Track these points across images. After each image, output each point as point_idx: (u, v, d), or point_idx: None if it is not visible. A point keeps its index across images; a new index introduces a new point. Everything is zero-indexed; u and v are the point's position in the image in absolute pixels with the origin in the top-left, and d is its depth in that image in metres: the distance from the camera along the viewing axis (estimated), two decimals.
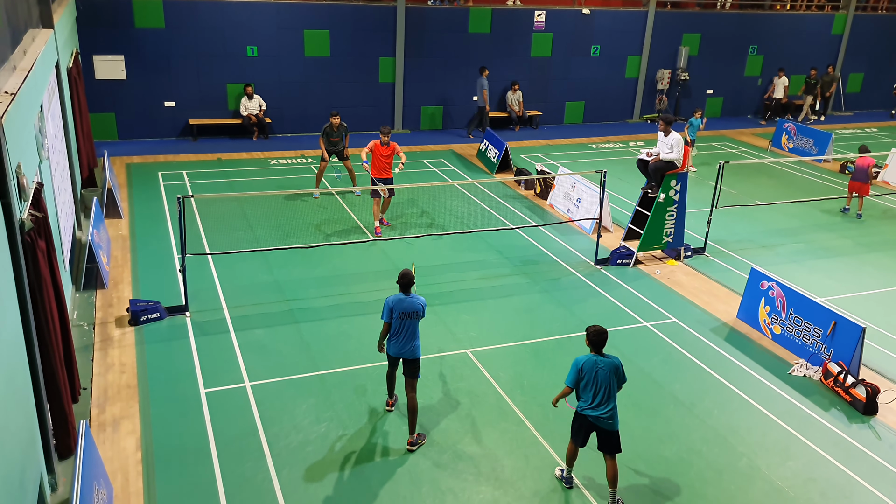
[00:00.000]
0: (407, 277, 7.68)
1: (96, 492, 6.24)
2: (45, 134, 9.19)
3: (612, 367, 6.89)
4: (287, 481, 7.21)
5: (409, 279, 7.68)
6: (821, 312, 9.66)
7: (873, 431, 8.42)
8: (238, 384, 8.77)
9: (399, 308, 7.62)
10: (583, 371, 6.87)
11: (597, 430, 7.00)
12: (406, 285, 7.66)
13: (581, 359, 6.92)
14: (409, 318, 7.64)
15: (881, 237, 14.46)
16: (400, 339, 7.70)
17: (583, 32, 22.80)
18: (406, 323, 7.65)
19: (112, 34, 18.36)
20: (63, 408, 7.14)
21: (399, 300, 7.64)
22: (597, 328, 6.93)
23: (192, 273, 10.87)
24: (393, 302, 7.65)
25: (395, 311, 7.63)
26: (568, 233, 14.09)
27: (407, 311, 7.62)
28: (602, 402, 6.87)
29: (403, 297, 7.65)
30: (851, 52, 26.79)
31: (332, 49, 20.31)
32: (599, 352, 6.94)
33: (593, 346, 6.94)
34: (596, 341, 6.91)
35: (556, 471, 7.49)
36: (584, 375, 6.87)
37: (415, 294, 7.74)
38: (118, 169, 16.85)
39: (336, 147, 15.29)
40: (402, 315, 7.63)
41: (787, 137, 21.20)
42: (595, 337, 6.90)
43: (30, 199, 6.92)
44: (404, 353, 7.73)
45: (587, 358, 6.92)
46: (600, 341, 6.90)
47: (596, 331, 6.91)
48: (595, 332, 6.91)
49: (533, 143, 21.14)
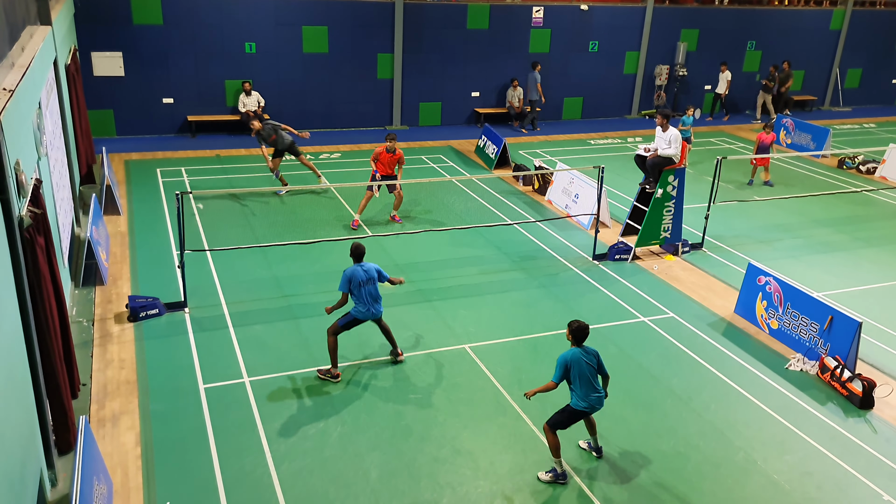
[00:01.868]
0: (359, 249, 8.67)
1: (96, 487, 6.27)
2: (43, 131, 9.20)
3: (595, 358, 7.14)
4: (286, 476, 7.24)
5: (361, 251, 8.68)
6: (818, 307, 9.69)
7: (869, 425, 8.46)
8: (237, 379, 8.80)
9: (358, 278, 8.54)
10: (571, 367, 7.01)
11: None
12: (359, 255, 8.65)
13: (566, 355, 7.06)
14: (369, 284, 8.60)
15: (879, 232, 14.50)
16: (367, 303, 8.63)
17: (581, 28, 22.79)
18: (368, 288, 8.59)
19: (110, 31, 18.34)
20: (63, 403, 7.17)
21: (355, 270, 8.59)
22: (579, 323, 7.11)
23: (190, 269, 10.88)
24: (350, 273, 8.56)
25: (353, 282, 8.52)
26: (566, 228, 14.12)
27: (365, 279, 8.57)
28: (594, 390, 7.11)
29: (358, 268, 8.61)
30: (849, 48, 26.78)
31: (331, 45, 20.30)
32: (581, 346, 7.12)
33: (576, 340, 7.10)
34: (579, 336, 7.08)
35: (542, 475, 7.34)
36: (573, 370, 7.02)
37: (366, 262, 8.72)
38: (117, 166, 16.85)
39: (279, 145, 14.87)
40: (362, 283, 8.55)
41: (786, 133, 21.21)
42: (578, 332, 7.08)
43: (28, 196, 6.93)
44: (374, 313, 8.73)
45: (572, 353, 7.07)
46: (583, 336, 7.08)
47: (579, 326, 7.09)
48: (578, 328, 7.08)
49: (531, 138, 21.14)
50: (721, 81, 23.85)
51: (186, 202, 13.94)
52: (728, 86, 23.82)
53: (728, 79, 23.68)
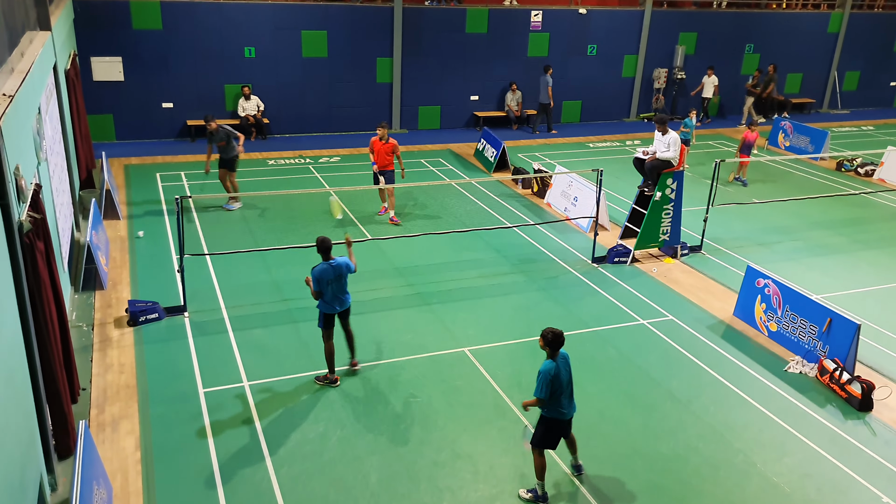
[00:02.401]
0: (325, 244, 8.48)
1: (96, 491, 6.27)
2: (43, 136, 9.22)
3: (568, 363, 6.97)
4: (286, 480, 7.25)
5: (327, 245, 8.49)
6: (816, 310, 9.71)
7: (869, 428, 8.47)
8: (237, 384, 8.81)
9: (326, 276, 8.44)
10: (557, 379, 6.75)
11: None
12: (326, 250, 8.48)
13: (549, 367, 6.76)
14: (339, 280, 8.54)
15: (877, 235, 14.52)
16: (338, 297, 8.60)
17: (579, 32, 22.84)
18: (334, 286, 8.53)
19: (110, 36, 18.38)
20: (62, 408, 7.18)
21: (324, 269, 8.45)
22: (554, 330, 6.82)
23: (190, 273, 10.89)
24: (319, 272, 8.43)
25: (323, 280, 8.44)
26: (565, 231, 14.14)
27: (334, 278, 8.48)
28: (571, 399, 7.04)
29: (327, 266, 8.47)
30: (847, 51, 26.83)
31: (330, 49, 20.34)
32: (556, 353, 6.85)
33: (552, 348, 6.82)
34: (555, 344, 6.79)
35: (522, 493, 7.15)
36: (556, 383, 6.75)
37: (335, 257, 8.57)
38: (116, 170, 16.87)
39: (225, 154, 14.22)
40: (330, 281, 8.47)
41: (784, 136, 21.25)
42: (554, 340, 6.79)
43: (28, 201, 6.94)
44: (345, 306, 8.75)
45: (553, 365, 6.77)
46: (559, 343, 6.80)
47: (555, 334, 6.80)
48: (554, 336, 6.80)
49: (530, 142, 21.18)
50: (707, 86, 23.67)
51: (185, 206, 13.95)
52: (716, 90, 23.69)
53: (715, 83, 23.54)
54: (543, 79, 21.82)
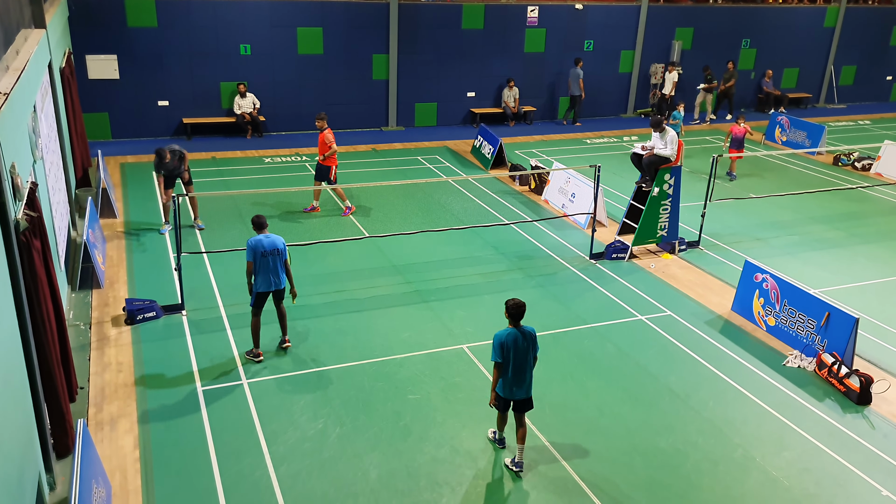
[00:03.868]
0: (259, 219, 8.87)
1: (94, 490, 6.26)
2: (38, 134, 9.18)
3: (531, 338, 7.19)
4: (285, 477, 7.24)
5: (262, 221, 8.87)
6: (814, 304, 9.71)
7: (867, 421, 8.48)
8: (235, 382, 8.79)
9: (260, 248, 8.73)
10: (506, 345, 7.07)
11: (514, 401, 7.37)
12: (260, 226, 8.86)
13: (501, 335, 7.13)
14: (272, 255, 8.79)
15: (874, 229, 14.54)
16: (269, 275, 8.85)
17: (576, 28, 22.81)
18: (270, 259, 8.80)
19: (104, 34, 18.31)
20: (60, 407, 7.16)
21: (258, 241, 8.77)
22: (515, 301, 7.15)
23: (187, 272, 10.87)
24: (254, 243, 8.75)
25: (257, 251, 8.72)
26: (563, 228, 14.13)
27: (268, 249, 8.75)
28: (522, 378, 7.22)
29: (262, 238, 8.80)
30: (844, 45, 26.86)
31: (326, 46, 20.29)
32: (517, 324, 7.17)
33: (512, 319, 7.15)
34: (515, 314, 7.13)
35: (489, 434, 7.83)
36: (506, 350, 7.08)
37: (271, 234, 8.93)
38: (112, 169, 16.82)
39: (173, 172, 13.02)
40: (264, 253, 8.74)
41: (781, 130, 21.26)
42: (514, 310, 7.13)
43: (24, 199, 6.92)
44: (275, 285, 8.92)
45: (507, 332, 7.13)
46: (519, 314, 7.13)
47: (515, 303, 7.14)
48: (514, 305, 7.14)
49: (527, 138, 21.16)
50: (667, 82, 23.15)
51: (182, 204, 13.92)
52: (674, 87, 23.17)
53: (674, 80, 23.05)
54: (574, 71, 22.23)
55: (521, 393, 7.29)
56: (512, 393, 7.26)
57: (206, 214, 14.03)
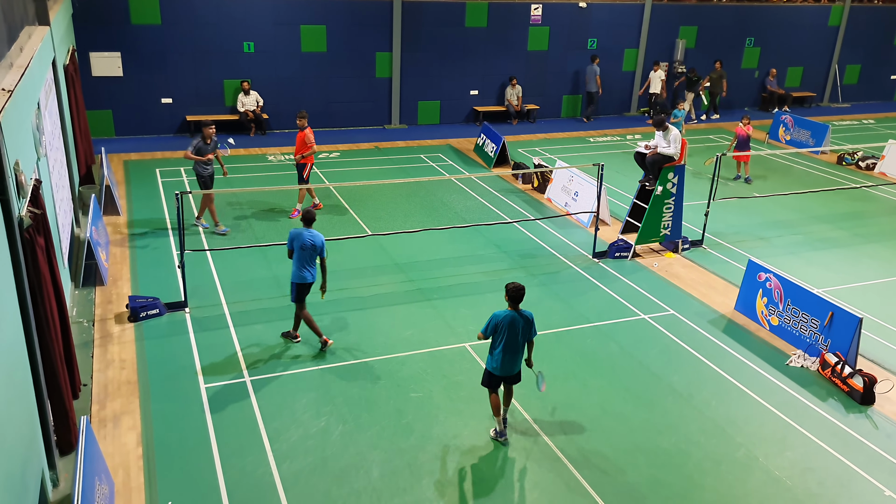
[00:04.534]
0: (309, 215, 9.06)
1: (98, 487, 6.27)
2: (42, 131, 9.19)
3: (528, 321, 7.47)
4: (287, 475, 7.25)
5: (311, 217, 9.05)
6: (818, 303, 9.70)
7: (870, 421, 8.47)
8: (238, 379, 8.80)
9: (300, 240, 8.94)
10: (500, 325, 7.36)
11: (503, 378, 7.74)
12: (309, 221, 9.02)
13: (498, 314, 7.42)
14: (309, 250, 8.93)
15: (878, 228, 14.50)
16: (303, 267, 9.01)
17: (579, 26, 22.78)
18: (306, 253, 8.95)
19: (108, 31, 18.32)
20: (64, 404, 7.17)
21: (299, 233, 8.99)
22: (515, 284, 7.41)
23: (190, 269, 10.88)
24: (295, 233, 8.98)
25: (296, 242, 8.93)
26: (566, 226, 14.12)
27: (307, 244, 8.93)
28: (511, 358, 7.52)
29: (304, 231, 9.00)
30: (848, 44, 26.78)
31: (329, 44, 20.29)
32: (516, 307, 7.43)
33: (512, 301, 7.40)
34: (515, 296, 7.38)
35: (491, 433, 7.90)
36: (499, 331, 7.37)
37: (314, 230, 9.07)
38: (116, 166, 16.84)
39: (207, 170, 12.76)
40: (303, 247, 8.93)
41: (784, 129, 21.22)
42: (514, 293, 7.38)
43: (28, 197, 6.92)
44: (307, 278, 9.09)
45: (504, 314, 7.41)
46: (518, 296, 7.38)
47: (514, 287, 7.39)
48: (514, 288, 7.39)
49: (530, 136, 21.14)
50: (654, 81, 22.75)
51: (185, 201, 13.94)
52: (663, 85, 22.82)
53: (662, 78, 22.64)
54: (591, 68, 22.40)
55: (510, 370, 7.63)
56: (503, 370, 7.59)
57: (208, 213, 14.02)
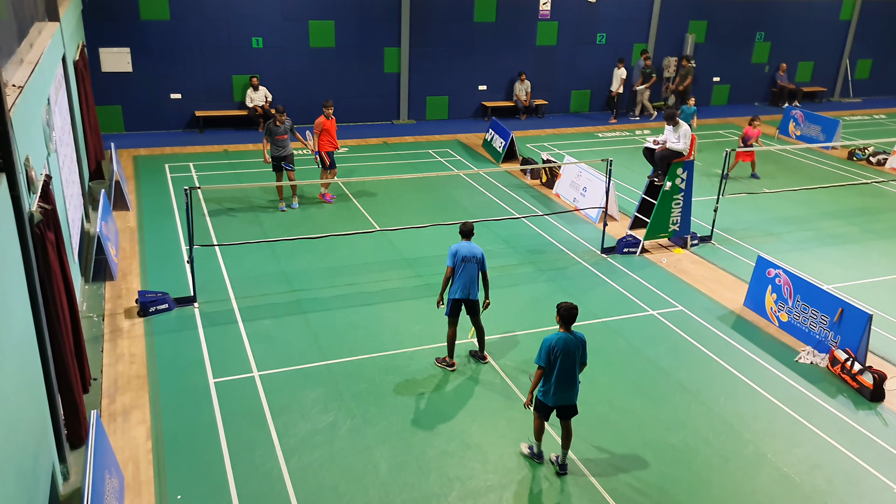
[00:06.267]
0: (466, 226, 8.81)
1: (108, 480, 6.31)
2: (52, 127, 9.23)
3: (581, 343, 6.98)
4: (296, 470, 7.28)
5: (468, 230, 8.80)
6: (828, 300, 9.65)
7: (880, 418, 8.43)
8: (247, 374, 8.83)
9: (461, 254, 8.64)
10: (554, 350, 6.89)
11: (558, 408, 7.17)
12: (467, 233, 8.78)
13: (552, 339, 6.93)
14: (470, 262, 8.64)
15: (889, 224, 14.41)
16: (465, 282, 8.66)
17: (588, 20, 22.70)
18: (468, 266, 8.65)
19: (118, 27, 18.38)
20: (74, 398, 7.22)
21: (459, 247, 8.70)
22: (568, 304, 6.93)
23: (199, 264, 10.92)
24: (455, 248, 8.68)
25: (458, 257, 8.64)
26: (574, 222, 14.09)
27: (468, 256, 8.63)
28: (567, 386, 6.99)
29: (463, 244, 8.73)
30: (859, 38, 26.59)
31: (337, 39, 20.29)
32: (569, 328, 6.97)
33: (564, 323, 6.94)
34: (567, 317, 6.91)
35: (523, 447, 7.55)
36: (555, 355, 6.89)
37: (473, 242, 8.80)
38: (125, 161, 16.91)
39: (282, 151, 13.73)
40: (465, 259, 8.64)
41: (795, 124, 21.09)
42: (566, 313, 6.91)
43: (38, 192, 6.96)
44: (470, 294, 8.73)
45: (558, 337, 6.92)
46: (570, 317, 6.91)
47: (567, 307, 6.91)
48: (567, 309, 6.91)
49: (539, 132, 21.10)
50: (615, 79, 22.25)
51: (195, 197, 14.00)
52: (622, 83, 22.17)
53: (622, 76, 22.04)
54: (639, 63, 22.64)
55: (566, 399, 7.08)
56: (557, 399, 7.04)
57: (218, 207, 14.09)
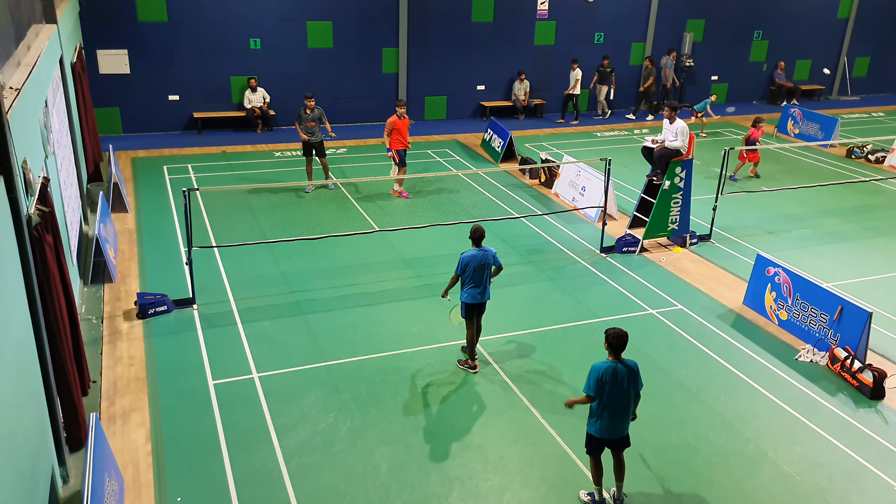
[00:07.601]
0: (478, 232, 8.60)
1: (107, 483, 6.30)
2: (50, 129, 9.22)
3: (633, 372, 6.39)
4: (296, 471, 7.26)
5: (479, 236, 8.60)
6: (827, 298, 9.64)
7: (880, 416, 8.42)
8: (246, 375, 8.82)
9: (474, 262, 8.55)
10: (603, 379, 6.25)
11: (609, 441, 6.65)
12: (478, 239, 8.60)
13: (600, 364, 6.29)
14: (482, 269, 8.58)
15: (888, 222, 14.41)
16: (477, 288, 8.64)
17: (586, 20, 22.70)
18: (480, 273, 8.60)
19: (115, 29, 18.37)
20: (73, 401, 7.21)
21: (472, 256, 8.58)
22: (616, 330, 6.26)
23: (198, 266, 10.91)
24: (468, 258, 8.58)
25: (469, 266, 8.55)
26: (573, 221, 14.09)
27: (480, 265, 8.56)
28: (618, 417, 6.43)
29: (476, 252, 8.59)
30: (857, 36, 26.60)
31: (335, 40, 20.28)
32: (619, 356, 6.34)
33: (613, 350, 6.28)
34: (616, 344, 6.22)
35: (582, 495, 6.99)
36: (604, 383, 6.26)
37: (486, 246, 8.73)
38: (124, 163, 16.89)
39: (312, 138, 14.88)
40: (476, 268, 8.58)
41: (793, 123, 21.09)
42: (615, 339, 6.19)
43: (36, 194, 6.95)
44: (481, 298, 8.73)
45: (607, 364, 6.26)
46: (620, 344, 6.23)
47: (616, 333, 6.20)
48: (615, 335, 6.19)
49: (537, 131, 21.09)
50: (570, 80, 21.90)
51: (193, 198, 13.99)
52: (577, 84, 21.80)
53: (577, 77, 21.67)
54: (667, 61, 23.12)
55: (617, 432, 6.49)
56: (608, 433, 6.43)
57: (216, 209, 14.08)
